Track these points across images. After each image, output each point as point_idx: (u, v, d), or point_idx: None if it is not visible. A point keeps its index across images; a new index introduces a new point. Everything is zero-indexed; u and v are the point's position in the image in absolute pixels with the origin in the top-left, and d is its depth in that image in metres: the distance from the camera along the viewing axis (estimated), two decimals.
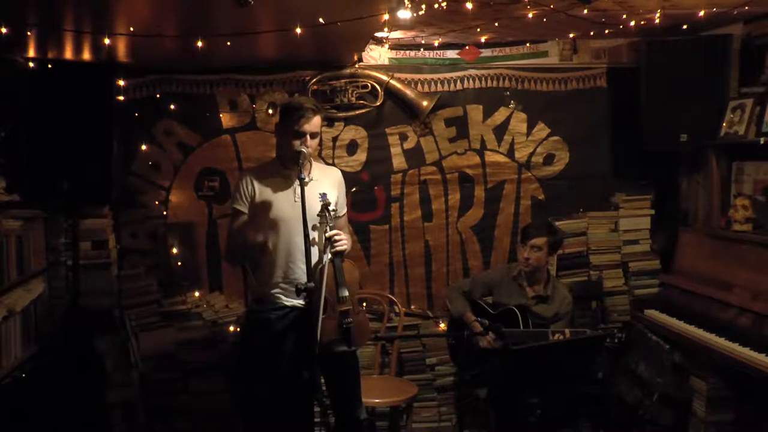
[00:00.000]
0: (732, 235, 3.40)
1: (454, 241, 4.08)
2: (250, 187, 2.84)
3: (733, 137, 3.44)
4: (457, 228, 4.08)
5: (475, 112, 4.02)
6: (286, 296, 2.84)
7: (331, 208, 2.69)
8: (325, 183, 2.89)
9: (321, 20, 2.74)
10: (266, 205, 2.81)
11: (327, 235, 2.66)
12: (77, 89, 3.17)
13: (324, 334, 2.60)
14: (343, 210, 3.02)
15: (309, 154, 2.76)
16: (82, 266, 3.54)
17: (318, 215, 2.68)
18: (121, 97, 3.69)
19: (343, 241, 2.72)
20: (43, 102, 3.13)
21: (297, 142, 2.73)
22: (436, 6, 2.84)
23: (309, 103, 2.78)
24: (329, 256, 2.69)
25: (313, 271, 2.58)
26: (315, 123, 2.77)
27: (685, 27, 3.55)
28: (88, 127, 3.20)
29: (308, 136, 2.76)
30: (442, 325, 3.98)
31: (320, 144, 3.89)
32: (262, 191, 2.83)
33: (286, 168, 2.86)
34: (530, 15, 3.14)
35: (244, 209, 2.84)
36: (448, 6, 2.85)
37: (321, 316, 2.54)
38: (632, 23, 3.39)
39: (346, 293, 2.72)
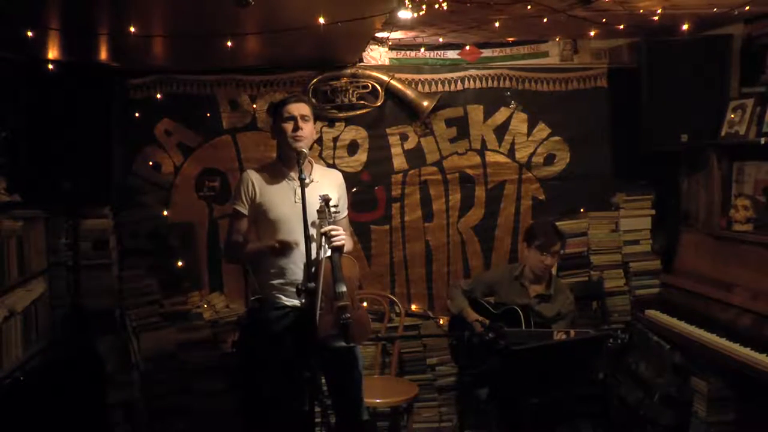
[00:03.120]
0: (733, 235, 3.39)
1: (455, 242, 4.08)
2: (250, 188, 2.85)
3: (734, 137, 3.44)
4: (457, 228, 4.08)
5: (476, 112, 4.02)
6: (286, 296, 2.84)
7: (332, 203, 2.70)
8: (326, 185, 2.89)
9: (321, 20, 2.74)
10: (267, 206, 2.83)
11: (323, 230, 2.66)
12: (78, 89, 3.18)
13: (321, 329, 2.60)
14: (344, 212, 3.02)
15: (309, 154, 2.78)
16: (82, 266, 3.55)
17: (317, 211, 2.68)
18: (122, 98, 3.69)
19: (341, 236, 2.72)
20: (43, 102, 3.13)
21: (288, 126, 2.77)
22: (436, 6, 2.84)
23: (294, 93, 2.87)
24: (327, 252, 2.69)
25: (313, 271, 2.58)
26: (300, 107, 2.81)
27: (685, 27, 3.54)
28: (88, 128, 3.21)
29: (299, 120, 2.78)
30: (442, 322, 3.98)
31: (321, 144, 3.89)
32: (263, 192, 2.85)
33: (287, 169, 2.88)
34: (530, 15, 3.14)
35: (245, 210, 2.86)
36: (448, 6, 2.85)
37: (318, 312, 2.54)
38: (632, 23, 3.39)
39: (344, 289, 2.71)
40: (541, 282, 3.51)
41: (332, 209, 2.71)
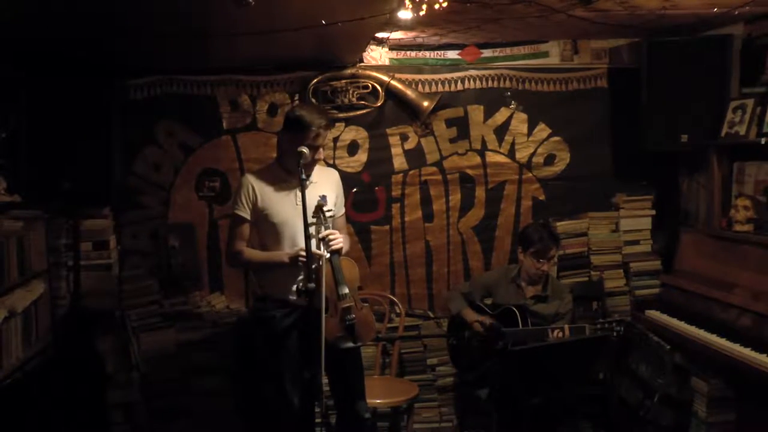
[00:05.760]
0: (733, 235, 3.39)
1: (455, 242, 4.08)
2: (251, 193, 2.84)
3: (734, 137, 3.44)
4: (457, 228, 4.08)
5: (476, 112, 4.02)
6: (287, 296, 2.84)
7: (326, 208, 2.70)
8: (325, 184, 2.90)
9: (322, 21, 2.74)
10: (269, 210, 2.83)
11: (320, 235, 2.68)
12: (78, 89, 3.18)
13: (328, 332, 2.62)
14: (341, 210, 3.03)
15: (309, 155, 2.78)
16: (82, 267, 3.54)
17: (313, 216, 2.69)
18: (122, 98, 3.69)
19: (338, 239, 2.73)
20: (43, 102, 3.13)
21: (309, 153, 2.74)
22: (436, 6, 2.84)
23: (323, 119, 2.78)
24: (327, 255, 2.70)
25: (313, 272, 2.59)
26: (326, 136, 2.84)
27: (685, 27, 3.54)
28: (88, 128, 3.21)
29: (321, 150, 2.82)
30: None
31: None
32: (264, 195, 2.85)
33: (287, 171, 2.88)
34: (530, 15, 3.14)
35: (246, 215, 2.85)
36: (448, 6, 2.84)
37: (323, 316, 2.55)
38: (632, 23, 3.39)
39: (347, 290, 2.74)
40: (537, 282, 3.51)
41: (327, 213, 2.71)
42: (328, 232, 2.70)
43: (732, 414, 3.39)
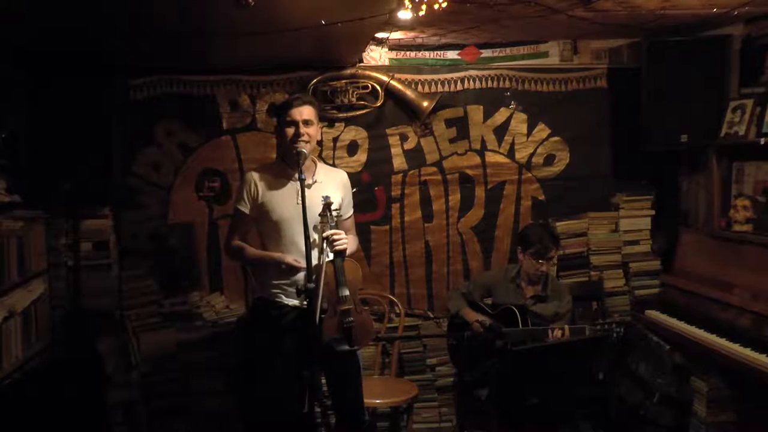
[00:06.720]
0: (732, 235, 3.40)
1: (455, 242, 4.08)
2: (253, 189, 2.85)
3: (734, 137, 3.45)
4: (457, 228, 4.08)
5: (476, 112, 4.02)
6: (287, 296, 2.84)
7: (333, 207, 2.70)
8: (330, 185, 2.89)
9: (322, 21, 2.74)
10: (269, 207, 2.82)
11: (324, 234, 2.66)
12: (78, 89, 3.18)
13: (325, 333, 2.61)
14: (349, 212, 3.02)
15: (309, 154, 2.78)
16: (82, 267, 3.55)
17: (319, 215, 2.68)
18: (122, 98, 3.69)
19: (343, 240, 2.72)
20: (43, 102, 3.13)
21: (290, 131, 2.76)
22: (436, 6, 2.84)
23: (297, 95, 2.86)
24: (330, 256, 2.69)
25: (313, 272, 2.58)
26: (304, 111, 2.78)
27: (685, 27, 3.54)
28: (88, 128, 3.21)
29: (301, 124, 2.77)
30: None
31: (321, 145, 3.89)
32: (265, 192, 2.84)
33: (290, 169, 2.87)
34: (530, 15, 3.14)
35: (246, 209, 2.86)
36: (448, 6, 2.85)
37: (321, 316, 2.54)
38: (632, 23, 3.39)
39: (347, 293, 2.72)
40: (537, 282, 3.51)
41: (334, 212, 2.70)
42: (332, 231, 2.68)
43: (732, 414, 3.39)
